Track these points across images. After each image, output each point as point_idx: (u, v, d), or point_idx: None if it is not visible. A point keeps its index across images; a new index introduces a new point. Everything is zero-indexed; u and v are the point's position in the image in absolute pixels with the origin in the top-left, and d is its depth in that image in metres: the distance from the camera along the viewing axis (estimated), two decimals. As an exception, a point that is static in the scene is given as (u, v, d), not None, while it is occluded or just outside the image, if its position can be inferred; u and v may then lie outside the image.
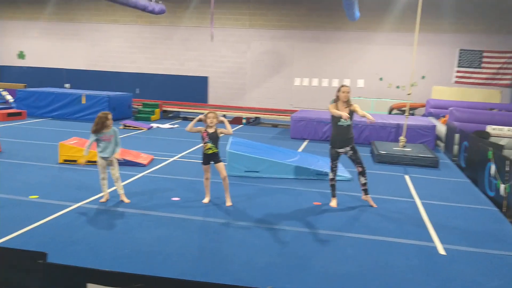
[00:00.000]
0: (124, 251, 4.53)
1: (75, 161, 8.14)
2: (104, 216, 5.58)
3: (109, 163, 6.07)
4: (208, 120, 5.96)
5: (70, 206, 5.84)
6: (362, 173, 6.35)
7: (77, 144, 8.31)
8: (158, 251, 4.58)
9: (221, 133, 6.05)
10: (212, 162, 6.10)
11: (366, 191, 6.49)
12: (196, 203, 6.22)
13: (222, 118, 6.10)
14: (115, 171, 6.09)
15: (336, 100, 6.23)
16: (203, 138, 6.01)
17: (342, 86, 6.22)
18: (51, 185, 6.81)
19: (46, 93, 14.69)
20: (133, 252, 4.54)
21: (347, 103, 6.19)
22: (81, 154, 8.08)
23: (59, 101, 14.54)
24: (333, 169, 6.35)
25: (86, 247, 4.59)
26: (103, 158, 6.00)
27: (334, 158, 6.31)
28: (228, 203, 6.17)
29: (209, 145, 5.97)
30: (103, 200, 6.12)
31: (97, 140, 5.97)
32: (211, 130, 5.99)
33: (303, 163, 8.10)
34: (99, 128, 5.90)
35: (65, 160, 8.18)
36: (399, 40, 17.92)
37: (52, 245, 4.57)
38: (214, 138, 5.99)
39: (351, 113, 6.19)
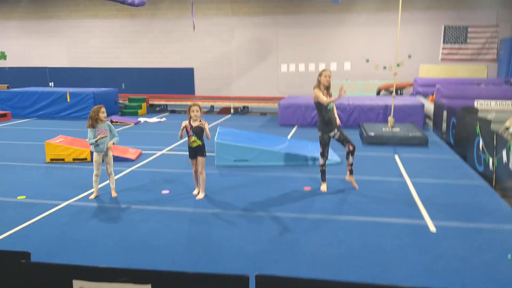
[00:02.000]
0: (114, 248, 4.48)
1: (62, 159, 8.06)
2: (94, 213, 5.52)
3: (105, 158, 6.04)
4: (192, 114, 5.88)
5: (59, 204, 5.77)
6: (352, 152, 6.29)
7: (63, 143, 8.21)
8: (150, 244, 4.54)
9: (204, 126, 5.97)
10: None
11: (351, 172, 6.44)
12: (186, 195, 6.17)
13: (203, 124, 5.96)
14: (110, 166, 6.11)
15: (318, 85, 6.15)
16: (187, 132, 5.94)
17: (324, 70, 6.12)
18: (39, 185, 6.72)
19: (29, 93, 14.48)
20: (124, 246, 4.50)
21: (328, 87, 6.13)
22: (68, 153, 8.04)
23: (44, 100, 14.34)
24: (325, 155, 6.29)
25: (76, 245, 4.54)
26: (99, 153, 5.96)
27: (326, 143, 6.24)
28: (200, 195, 6.09)
29: (193, 138, 5.89)
30: (92, 197, 6.07)
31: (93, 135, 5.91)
32: (195, 124, 5.90)
33: (292, 150, 8.07)
34: (93, 121, 5.87)
35: (52, 159, 8.08)
36: (383, 20, 17.84)
37: (42, 245, 4.52)
38: (198, 131, 5.91)
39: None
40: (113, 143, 6.05)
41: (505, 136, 7.92)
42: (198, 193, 6.17)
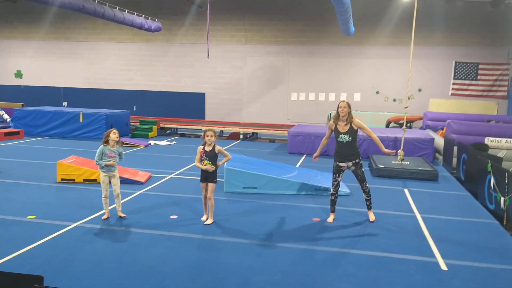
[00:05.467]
0: (122, 272, 4.47)
1: (73, 180, 8.11)
2: (102, 235, 5.52)
3: (112, 179, 6.10)
4: (206, 138, 5.94)
5: (69, 225, 5.78)
6: (364, 191, 6.37)
7: (75, 163, 8.27)
8: (157, 271, 4.52)
9: (219, 151, 6.01)
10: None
11: (368, 207, 6.49)
12: (194, 221, 6.16)
13: (219, 149, 6.03)
14: (117, 187, 6.15)
15: (337, 117, 6.20)
16: (200, 156, 5.98)
17: (340, 101, 6.22)
18: (49, 205, 6.74)
19: (43, 112, 14.69)
20: (132, 271, 4.48)
21: (347, 118, 6.14)
22: (79, 173, 8.10)
23: (57, 120, 14.54)
24: (333, 183, 6.31)
25: (84, 268, 4.53)
26: (105, 173, 6.04)
27: (335, 172, 6.29)
28: (209, 221, 6.09)
29: (206, 161, 5.94)
30: (104, 217, 6.11)
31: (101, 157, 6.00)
32: (208, 148, 5.96)
33: (301, 179, 8.06)
34: (105, 141, 6.02)
35: (63, 179, 8.13)
36: (394, 53, 18.05)
37: (50, 267, 4.51)
38: (211, 156, 5.95)
39: (353, 130, 6.13)
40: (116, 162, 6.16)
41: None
42: (207, 219, 6.16)
